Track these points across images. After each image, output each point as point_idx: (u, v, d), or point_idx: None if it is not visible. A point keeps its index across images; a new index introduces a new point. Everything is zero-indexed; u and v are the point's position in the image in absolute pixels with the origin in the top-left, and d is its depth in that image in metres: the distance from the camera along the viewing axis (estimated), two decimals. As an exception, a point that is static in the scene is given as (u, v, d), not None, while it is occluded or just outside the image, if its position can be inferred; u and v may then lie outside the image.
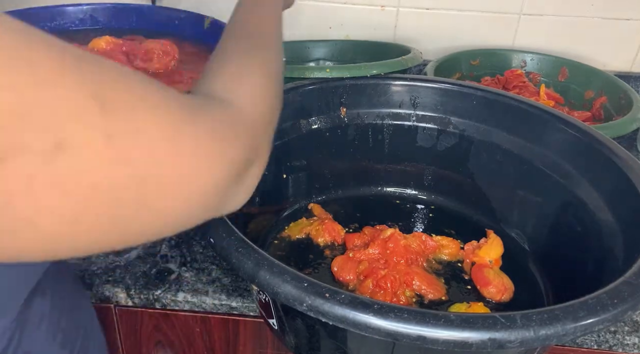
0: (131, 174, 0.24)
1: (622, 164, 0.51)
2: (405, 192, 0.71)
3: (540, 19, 1.01)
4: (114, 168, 0.23)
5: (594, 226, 0.52)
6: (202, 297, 0.58)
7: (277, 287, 0.36)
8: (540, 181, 0.60)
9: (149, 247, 0.65)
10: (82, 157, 0.22)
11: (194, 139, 0.27)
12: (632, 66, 1.04)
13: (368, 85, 0.67)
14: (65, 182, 0.22)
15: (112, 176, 0.23)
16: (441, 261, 0.61)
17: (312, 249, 0.62)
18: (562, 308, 0.35)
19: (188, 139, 0.27)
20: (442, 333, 0.33)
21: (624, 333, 0.56)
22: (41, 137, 0.21)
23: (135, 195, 0.25)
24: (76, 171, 0.22)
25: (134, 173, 0.24)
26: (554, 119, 0.60)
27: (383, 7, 1.02)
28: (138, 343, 0.67)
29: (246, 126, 0.33)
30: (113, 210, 0.24)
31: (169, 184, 0.26)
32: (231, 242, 0.39)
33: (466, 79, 0.96)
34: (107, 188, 0.24)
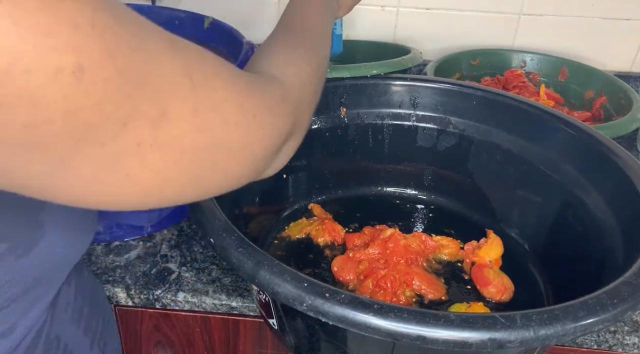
0: (209, 141, 0.29)
1: (622, 164, 0.51)
2: (405, 192, 0.71)
3: (540, 19, 1.01)
4: (197, 135, 0.28)
5: (594, 226, 0.52)
6: (202, 297, 0.58)
7: (277, 287, 0.36)
8: (540, 181, 0.60)
9: (148, 247, 0.65)
10: (177, 125, 0.27)
11: (254, 112, 0.33)
12: (632, 66, 1.04)
13: (368, 85, 0.67)
14: (164, 146, 0.27)
15: (196, 142, 0.28)
16: (441, 261, 0.61)
17: (312, 249, 0.62)
18: (562, 308, 0.35)
19: (250, 112, 0.32)
20: (442, 333, 0.33)
21: (623, 333, 0.56)
22: (152, 106, 0.25)
23: (211, 158, 0.30)
24: (172, 137, 0.27)
25: (211, 140, 0.29)
26: (554, 119, 0.60)
27: (383, 7, 1.02)
28: (138, 343, 0.67)
29: (292, 103, 0.39)
30: (193, 170, 0.29)
31: (235, 149, 0.32)
32: (231, 242, 0.39)
33: (466, 79, 0.97)
34: (192, 152, 0.28)
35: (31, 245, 0.36)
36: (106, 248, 0.64)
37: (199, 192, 0.33)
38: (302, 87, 0.41)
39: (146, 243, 0.65)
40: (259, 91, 0.34)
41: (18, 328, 0.38)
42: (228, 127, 0.30)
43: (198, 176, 0.30)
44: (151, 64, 0.25)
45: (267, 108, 0.34)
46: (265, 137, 0.34)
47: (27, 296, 0.37)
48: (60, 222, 0.38)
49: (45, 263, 0.38)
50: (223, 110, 0.30)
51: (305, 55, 0.44)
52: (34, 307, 0.39)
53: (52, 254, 0.38)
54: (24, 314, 0.38)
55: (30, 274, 0.36)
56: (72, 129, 0.22)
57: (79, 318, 0.45)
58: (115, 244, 0.65)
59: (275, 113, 0.35)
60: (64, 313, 0.43)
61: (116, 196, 0.27)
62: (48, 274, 0.39)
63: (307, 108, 0.43)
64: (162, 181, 0.28)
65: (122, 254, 0.64)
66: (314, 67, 0.44)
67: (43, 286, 0.39)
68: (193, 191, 0.32)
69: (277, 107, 0.36)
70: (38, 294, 0.39)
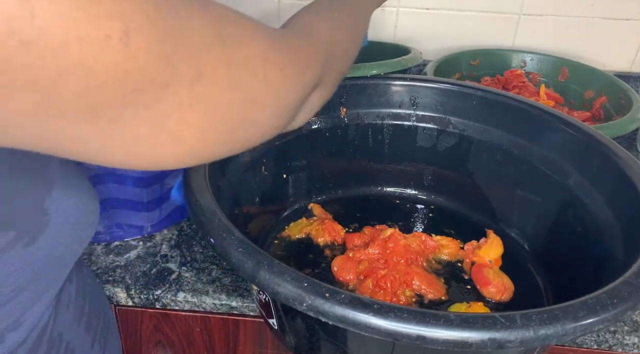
0: (241, 96, 0.30)
1: (622, 164, 0.51)
2: (405, 192, 0.71)
3: (540, 19, 1.01)
4: (231, 91, 0.29)
5: (594, 226, 0.52)
6: (202, 297, 0.58)
7: (277, 287, 0.36)
8: (540, 181, 0.60)
9: (148, 247, 0.65)
10: (212, 84, 0.28)
11: (281, 65, 0.33)
12: (632, 66, 1.04)
13: (368, 85, 0.67)
14: (202, 103, 0.28)
15: (231, 98, 0.30)
16: (441, 261, 0.61)
17: (312, 249, 0.62)
18: (562, 308, 0.35)
19: (277, 66, 0.33)
20: (442, 333, 0.33)
21: (623, 332, 0.56)
22: (189, 67, 0.26)
23: (244, 112, 0.31)
24: (209, 94, 0.28)
25: (243, 95, 0.30)
26: (554, 119, 0.60)
27: (383, 7, 1.02)
28: (138, 343, 0.67)
29: (320, 55, 0.39)
30: (229, 125, 0.31)
31: (266, 102, 0.33)
32: (231, 242, 0.39)
33: (466, 79, 0.97)
34: (227, 108, 0.30)
35: (37, 233, 0.36)
36: (106, 248, 0.64)
37: (235, 146, 0.34)
38: (333, 43, 0.42)
39: (146, 243, 0.65)
40: (285, 44, 0.35)
41: (25, 322, 0.38)
42: (257, 81, 0.31)
43: (234, 131, 0.32)
44: (184, 26, 0.26)
45: (294, 61, 0.35)
46: (293, 89, 0.36)
47: (32, 287, 0.37)
48: (65, 210, 0.39)
49: (50, 253, 0.38)
50: (251, 65, 0.31)
51: (341, 21, 0.45)
52: (39, 300, 0.39)
53: (57, 244, 0.38)
54: (29, 307, 0.38)
55: (36, 263, 0.37)
56: (122, 94, 0.23)
57: (80, 316, 0.46)
58: (115, 244, 0.65)
59: (302, 66, 0.36)
60: (66, 311, 0.44)
61: (161, 156, 0.29)
62: (53, 264, 0.39)
63: (337, 64, 0.43)
64: (202, 138, 0.29)
65: (122, 254, 0.64)
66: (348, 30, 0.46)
67: (48, 277, 0.39)
68: (229, 145, 0.33)
69: (304, 60, 0.37)
70: (43, 286, 0.39)
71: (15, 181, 0.27)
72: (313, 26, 0.41)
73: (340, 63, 0.44)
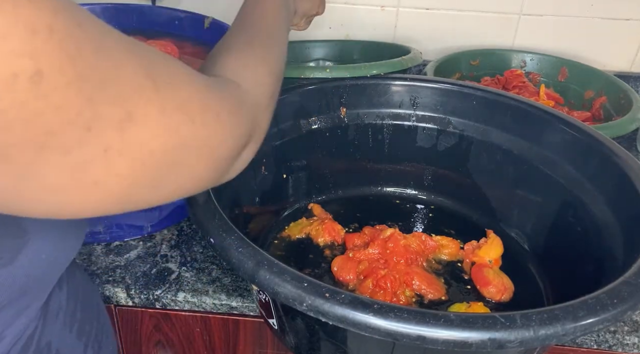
0: (177, 141, 0.29)
1: (622, 164, 0.51)
2: (405, 192, 0.71)
3: (540, 19, 1.01)
4: (166, 136, 0.28)
5: (594, 226, 0.52)
6: (202, 297, 0.58)
7: (277, 287, 0.36)
8: (540, 181, 0.60)
9: (149, 247, 0.65)
10: (145, 127, 0.26)
11: (217, 111, 0.33)
12: (632, 66, 1.04)
13: (368, 85, 0.67)
14: (132, 149, 0.26)
15: (164, 143, 0.28)
16: (441, 260, 0.61)
17: (312, 249, 0.62)
18: (561, 308, 0.35)
19: (214, 111, 0.32)
20: (442, 333, 0.33)
21: (623, 332, 0.56)
22: (117, 109, 0.25)
23: (179, 159, 0.30)
24: (141, 140, 0.26)
25: (179, 140, 0.29)
26: (554, 119, 0.60)
27: (383, 7, 1.02)
28: (138, 343, 0.67)
29: (250, 105, 0.38)
30: (162, 171, 0.29)
31: (201, 149, 0.32)
32: (231, 242, 0.39)
33: (466, 79, 0.96)
34: (160, 154, 0.28)
35: (15, 253, 0.35)
36: (106, 248, 0.64)
37: (166, 195, 0.32)
38: (259, 90, 0.41)
39: (146, 243, 0.65)
40: (219, 91, 0.34)
41: (7, 337, 0.37)
42: (195, 126, 0.30)
43: (165, 179, 0.30)
44: (112, 66, 0.24)
45: (228, 108, 0.34)
46: (229, 137, 0.34)
47: (14, 304, 0.36)
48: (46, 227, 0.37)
49: (32, 270, 0.37)
50: (188, 109, 0.29)
51: (261, 56, 0.43)
52: (21, 315, 0.38)
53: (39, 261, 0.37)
54: (11, 322, 0.37)
55: (16, 282, 0.35)
56: (33, 136, 0.22)
57: (71, 323, 0.45)
58: (115, 244, 0.65)
59: (236, 114, 0.35)
60: (55, 319, 0.43)
61: (83, 204, 0.27)
62: (36, 281, 0.38)
63: (265, 111, 0.42)
64: (129, 186, 0.27)
65: (122, 254, 0.64)
66: (270, 69, 0.44)
67: (31, 293, 0.38)
68: (159, 194, 0.31)
69: (237, 108, 0.36)
70: (26, 301, 0.38)
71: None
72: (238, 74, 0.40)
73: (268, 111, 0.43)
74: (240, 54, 0.42)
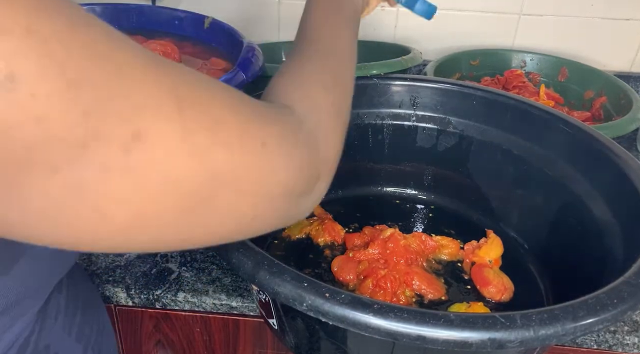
0: (204, 169, 0.24)
1: (622, 164, 0.51)
2: (405, 192, 0.71)
3: (540, 19, 1.01)
4: (187, 162, 0.24)
5: (594, 226, 0.52)
6: (202, 297, 0.58)
7: (277, 287, 0.36)
8: (540, 181, 0.60)
9: (149, 247, 0.65)
10: (158, 149, 0.23)
11: (263, 140, 0.28)
12: (632, 66, 1.04)
13: (368, 85, 0.67)
14: (138, 174, 0.22)
15: (185, 169, 0.24)
16: (441, 260, 0.61)
17: (312, 249, 0.62)
18: (561, 308, 0.35)
19: (258, 139, 0.27)
20: (442, 333, 0.33)
21: (623, 332, 0.56)
22: (121, 127, 0.21)
23: (205, 191, 0.25)
24: (150, 163, 0.22)
25: (207, 168, 0.25)
26: (553, 119, 0.60)
27: (383, 7, 1.02)
28: (138, 343, 0.67)
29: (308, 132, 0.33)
30: (181, 204, 0.24)
31: (241, 182, 0.27)
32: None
33: (466, 79, 0.97)
34: (178, 181, 0.24)
35: (10, 263, 0.33)
36: (106, 248, 0.64)
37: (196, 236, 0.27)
38: (322, 119, 0.36)
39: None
40: (268, 117, 0.29)
41: (2, 341, 0.36)
42: (232, 155, 0.26)
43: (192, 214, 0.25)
44: (119, 77, 0.22)
45: (279, 137, 0.29)
46: (279, 170, 0.29)
47: (10, 312, 0.36)
48: None
49: (28, 278, 0.36)
50: (223, 134, 0.25)
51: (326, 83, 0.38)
52: (18, 321, 0.37)
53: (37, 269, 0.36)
54: (8, 328, 0.36)
55: (12, 291, 0.35)
56: (11, 150, 0.19)
57: (70, 326, 0.44)
58: (115, 244, 0.65)
59: (289, 144, 0.30)
60: (54, 322, 0.42)
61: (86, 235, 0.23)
62: (33, 289, 0.37)
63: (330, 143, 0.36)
64: (138, 218, 0.23)
65: (122, 254, 0.64)
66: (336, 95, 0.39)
67: (28, 301, 0.37)
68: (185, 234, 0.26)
69: (291, 137, 0.31)
70: (22, 308, 0.37)
71: None
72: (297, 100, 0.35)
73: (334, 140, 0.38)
74: (293, 76, 0.38)
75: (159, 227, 0.25)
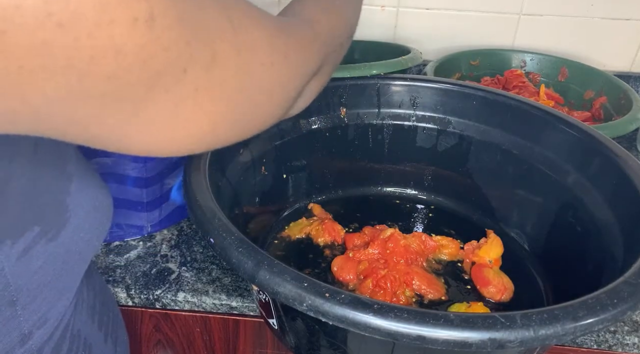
0: (249, 81, 0.31)
1: (622, 164, 0.51)
2: (405, 192, 0.71)
3: (540, 19, 1.01)
4: (241, 75, 0.30)
5: (594, 226, 0.52)
6: (202, 297, 0.58)
7: (277, 287, 0.36)
8: (540, 181, 0.60)
9: (148, 247, 0.65)
10: (225, 68, 0.28)
11: (286, 52, 0.34)
12: (632, 66, 1.04)
13: (368, 85, 0.67)
14: (215, 89, 0.28)
15: (240, 83, 0.30)
16: (441, 260, 0.61)
17: (312, 249, 0.62)
18: (561, 308, 0.35)
19: (282, 52, 0.33)
20: (442, 333, 0.33)
21: (623, 332, 0.56)
22: (205, 50, 0.26)
23: (252, 98, 0.32)
24: (221, 80, 0.28)
25: (251, 80, 0.31)
26: (554, 119, 0.60)
27: (383, 7, 1.02)
28: (138, 343, 0.67)
29: (321, 43, 0.40)
30: (239, 109, 0.31)
31: (271, 88, 0.34)
32: (231, 242, 0.39)
33: (466, 79, 0.97)
34: (237, 93, 0.30)
35: (59, 228, 0.37)
36: (106, 248, 0.64)
37: (241, 132, 0.34)
38: (332, 35, 0.42)
39: (146, 243, 0.65)
40: (289, 31, 0.35)
41: (50, 319, 0.38)
42: (264, 67, 0.32)
43: (242, 116, 0.32)
44: (200, 9, 0.26)
45: (297, 48, 0.35)
46: (297, 76, 0.36)
47: (55, 283, 0.38)
48: (83, 205, 0.39)
49: (72, 247, 0.39)
50: (258, 51, 0.31)
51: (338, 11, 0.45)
52: (62, 296, 0.40)
53: (78, 239, 0.39)
54: (53, 304, 0.38)
55: (58, 259, 0.37)
56: (147, 77, 0.24)
57: (92, 314, 0.46)
58: (115, 244, 0.65)
59: (305, 52, 0.37)
60: (82, 309, 0.44)
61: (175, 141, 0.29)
62: (73, 261, 0.40)
63: (335, 55, 0.44)
64: (214, 123, 0.30)
65: (122, 254, 0.64)
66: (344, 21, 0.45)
67: (68, 274, 0.40)
68: (237, 131, 0.33)
69: (307, 46, 0.37)
70: (65, 283, 0.39)
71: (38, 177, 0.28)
72: (312, 16, 0.41)
73: (336, 54, 0.45)
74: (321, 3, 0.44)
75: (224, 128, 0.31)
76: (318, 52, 0.39)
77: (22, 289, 0.34)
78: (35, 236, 0.34)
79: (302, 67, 0.37)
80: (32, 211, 0.34)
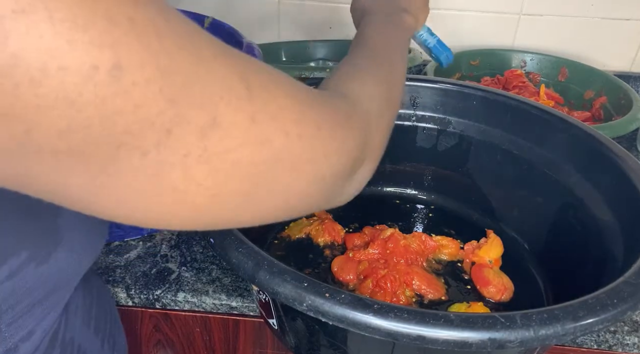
0: (268, 153, 0.27)
1: (622, 164, 0.51)
2: (405, 192, 0.71)
3: (540, 19, 1.01)
4: (254, 147, 0.26)
5: (594, 226, 0.52)
6: (202, 297, 0.58)
7: (277, 287, 0.36)
8: (540, 181, 0.60)
9: (148, 247, 0.65)
10: (230, 136, 0.24)
11: (318, 124, 0.30)
12: (632, 66, 1.04)
13: (368, 85, 0.67)
14: (213, 158, 0.24)
15: (252, 154, 0.26)
16: (441, 261, 0.61)
17: (312, 249, 0.62)
18: (561, 308, 0.35)
19: (314, 124, 0.29)
20: (442, 333, 0.33)
21: (623, 332, 0.56)
22: (201, 113, 0.23)
23: (270, 173, 0.27)
24: (224, 148, 0.24)
25: (270, 153, 0.27)
26: (554, 119, 0.60)
27: (383, 7, 1.02)
28: (138, 343, 0.67)
29: (361, 120, 0.35)
30: (248, 187, 0.27)
31: (298, 164, 0.29)
32: (231, 242, 0.39)
33: (466, 79, 0.97)
34: (246, 166, 0.26)
35: (50, 251, 0.35)
36: (106, 248, 0.64)
37: (259, 215, 0.30)
38: (373, 106, 0.38)
39: (146, 243, 0.65)
40: (323, 103, 0.31)
41: (37, 331, 0.38)
42: (289, 139, 0.28)
43: (255, 194, 0.28)
44: (200, 66, 0.23)
45: (333, 122, 0.31)
46: (333, 154, 0.31)
47: (46, 301, 0.37)
48: (77, 226, 0.38)
49: (63, 268, 0.37)
50: (283, 120, 0.27)
51: (378, 77, 0.42)
52: (51, 311, 0.39)
53: (70, 259, 0.38)
54: (42, 318, 0.38)
55: (49, 280, 0.36)
56: (112, 134, 0.21)
57: (88, 320, 0.46)
58: (115, 244, 0.65)
59: (343, 128, 0.32)
60: (75, 316, 0.44)
61: (164, 213, 0.26)
62: (66, 279, 0.39)
63: (379, 130, 0.39)
64: (212, 198, 0.26)
65: (122, 254, 0.64)
66: (387, 88, 0.42)
67: (61, 290, 0.39)
68: (250, 212, 0.29)
69: (344, 122, 0.33)
70: (56, 298, 0.39)
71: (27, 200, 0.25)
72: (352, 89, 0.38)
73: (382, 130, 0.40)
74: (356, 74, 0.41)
75: (227, 206, 0.27)
76: (358, 127, 0.35)
77: (7, 310, 0.33)
78: (23, 261, 0.33)
79: (339, 143, 0.32)
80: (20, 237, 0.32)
